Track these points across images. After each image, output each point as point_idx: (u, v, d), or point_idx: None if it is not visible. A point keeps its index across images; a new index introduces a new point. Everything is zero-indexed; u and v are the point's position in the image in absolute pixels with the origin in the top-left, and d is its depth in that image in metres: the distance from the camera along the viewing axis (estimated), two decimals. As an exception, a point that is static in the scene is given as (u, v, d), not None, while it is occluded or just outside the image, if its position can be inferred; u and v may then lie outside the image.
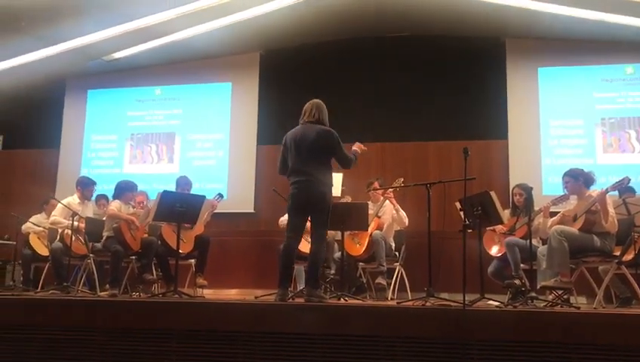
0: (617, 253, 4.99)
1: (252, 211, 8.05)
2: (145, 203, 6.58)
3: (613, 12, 6.84)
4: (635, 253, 5.20)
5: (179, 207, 5.25)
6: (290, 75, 8.29)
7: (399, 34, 8.04)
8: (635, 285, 4.85)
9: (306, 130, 4.74)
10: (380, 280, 5.93)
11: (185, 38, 7.76)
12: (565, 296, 4.92)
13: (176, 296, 5.03)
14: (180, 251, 5.51)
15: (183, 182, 6.27)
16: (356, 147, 5.02)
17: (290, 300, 4.66)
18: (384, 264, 5.96)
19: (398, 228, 6.47)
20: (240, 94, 8.44)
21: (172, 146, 8.49)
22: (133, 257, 5.93)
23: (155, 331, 4.03)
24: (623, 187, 5.29)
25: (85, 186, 6.41)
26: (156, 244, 5.82)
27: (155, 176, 8.23)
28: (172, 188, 6.14)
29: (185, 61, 8.52)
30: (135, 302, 4.78)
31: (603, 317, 3.91)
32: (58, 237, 6.19)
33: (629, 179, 5.09)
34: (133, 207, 6.21)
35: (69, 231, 5.87)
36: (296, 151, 4.70)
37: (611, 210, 4.89)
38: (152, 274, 5.95)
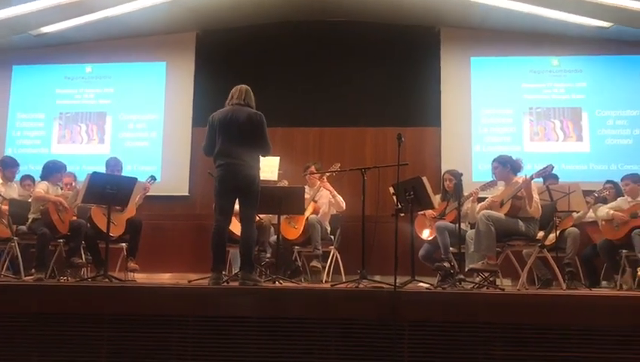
0: (540, 237, 5.25)
1: (187, 194, 7.93)
2: (73, 184, 6.35)
3: (541, 5, 7.11)
4: (556, 237, 5.49)
5: (109, 189, 5.11)
6: (228, 56, 8.16)
7: (337, 19, 8.06)
8: (556, 268, 5.11)
9: (237, 111, 4.70)
10: (315, 263, 5.99)
11: (118, 14, 7.48)
12: (491, 278, 5.14)
13: (106, 280, 4.91)
14: (111, 234, 5.37)
15: (113, 163, 6.10)
16: None
17: (225, 284, 4.65)
18: (320, 247, 6.03)
19: (335, 212, 6.55)
20: (175, 74, 8.24)
21: (103, 126, 8.21)
22: (61, 240, 5.73)
23: (84, 316, 3.92)
24: (547, 174, 5.54)
25: (7, 167, 6.09)
26: (85, 227, 5.65)
27: (84, 157, 7.93)
28: (102, 169, 5.95)
29: (118, 38, 8.22)
30: (62, 287, 4.64)
31: (526, 298, 4.11)
32: (-22, 220, 5.90)
33: (553, 167, 5.33)
34: (61, 189, 5.99)
35: (-9, 214, 5.61)
36: (225, 133, 4.65)
37: (536, 196, 5.11)
38: (81, 258, 5.77)
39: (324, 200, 6.38)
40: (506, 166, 5.34)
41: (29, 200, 5.87)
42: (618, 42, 7.69)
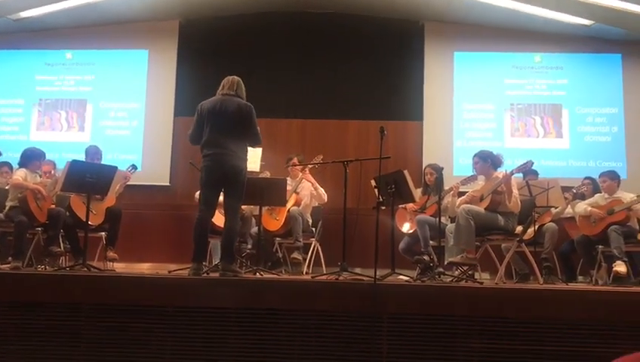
0: (519, 232, 5.31)
1: (167, 184, 7.88)
2: (52, 172, 6.27)
3: (525, 2, 7.15)
4: (535, 232, 5.56)
5: (89, 177, 5.06)
6: (211, 46, 8.10)
7: (322, 11, 8.03)
8: (533, 262, 5.18)
9: (226, 101, 4.66)
10: (296, 255, 6.01)
11: (100, 0, 7.38)
12: (470, 272, 5.20)
13: (85, 269, 4.87)
14: (90, 223, 5.32)
15: (93, 151, 6.04)
16: None
17: (205, 274, 4.63)
18: (301, 239, 6.04)
19: (317, 204, 6.56)
20: (157, 63, 8.15)
21: (83, 114, 8.10)
22: (39, 229, 5.66)
23: (62, 305, 3.89)
24: (527, 170, 5.60)
25: (-14, 155, 6.03)
26: (64, 215, 5.59)
27: (64, 145, 7.84)
28: (82, 157, 5.89)
29: (99, 25, 8.11)
30: (40, 276, 4.59)
31: (504, 291, 4.15)
32: (-45, 207, 5.81)
33: (532, 163, 5.40)
34: (40, 176, 5.92)
35: (-33, 201, 5.52)
36: (214, 123, 4.61)
37: (515, 191, 5.16)
38: (60, 247, 5.72)
39: (306, 192, 6.38)
40: (487, 161, 5.39)
41: (7, 187, 5.79)
42: (599, 40, 7.78)
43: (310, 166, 6.24)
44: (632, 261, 5.65)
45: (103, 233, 5.96)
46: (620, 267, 5.24)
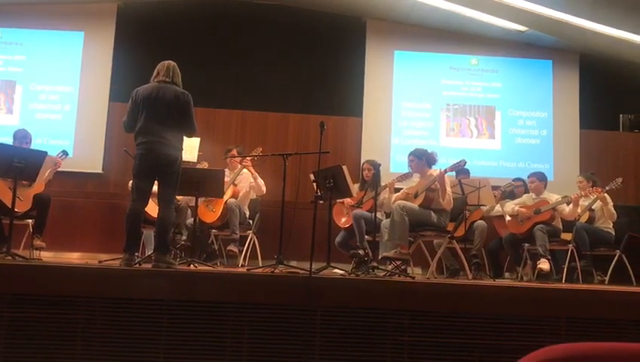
0: (450, 229, 5.47)
1: (100, 172, 7.63)
2: (-24, 156, 5.96)
3: (463, 5, 7.35)
4: (465, 230, 5.74)
5: (16, 162, 4.84)
6: (151, 31, 7.89)
7: (267, 2, 7.98)
8: (463, 258, 5.35)
9: (162, 89, 4.55)
10: (232, 247, 5.96)
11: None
12: (403, 267, 5.31)
13: (9, 257, 4.66)
14: (16, 210, 5.10)
15: (21, 135, 5.78)
16: None
17: (137, 266, 4.53)
18: (237, 232, 6.00)
19: (255, 197, 6.53)
20: (93, 46, 7.87)
21: (12, 96, 7.73)
22: (-40, 215, 5.38)
23: (-18, 295, 3.71)
24: (460, 168, 5.76)
25: None
26: (-13, 201, 5.32)
27: (-11, 127, 7.48)
28: (10, 141, 5.64)
29: (33, 3, 7.75)
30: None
31: (434, 286, 4.27)
32: None
33: (465, 162, 5.55)
34: (-38, 160, 5.61)
35: None
36: (149, 111, 4.50)
37: (448, 189, 5.31)
38: (-18, 234, 5.45)
39: (245, 183, 6.33)
40: (422, 159, 5.51)
41: None
42: (532, 46, 8.10)
43: (249, 158, 6.20)
44: (554, 258, 5.94)
45: (30, 220, 5.72)
46: (544, 264, 5.48)
